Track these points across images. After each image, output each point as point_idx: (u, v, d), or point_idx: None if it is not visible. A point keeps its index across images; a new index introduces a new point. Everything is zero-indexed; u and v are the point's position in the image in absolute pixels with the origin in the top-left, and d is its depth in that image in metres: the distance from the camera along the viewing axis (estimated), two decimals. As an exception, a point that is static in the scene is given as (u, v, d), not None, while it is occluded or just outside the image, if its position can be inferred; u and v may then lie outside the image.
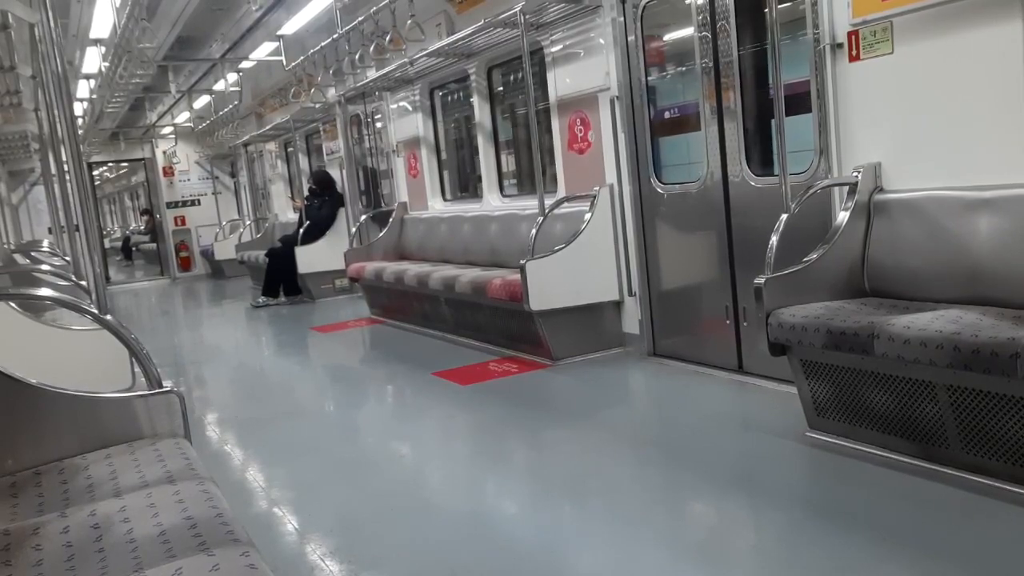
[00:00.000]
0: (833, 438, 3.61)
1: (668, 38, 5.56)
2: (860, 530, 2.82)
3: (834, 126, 4.07)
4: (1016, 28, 3.29)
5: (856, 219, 3.86)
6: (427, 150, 8.63)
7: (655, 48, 5.56)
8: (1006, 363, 2.73)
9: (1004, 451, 2.94)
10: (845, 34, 3.94)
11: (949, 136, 3.60)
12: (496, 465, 4.04)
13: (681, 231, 5.38)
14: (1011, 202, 3.32)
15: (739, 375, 4.91)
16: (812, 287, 3.73)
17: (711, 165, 4.97)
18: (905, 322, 3.11)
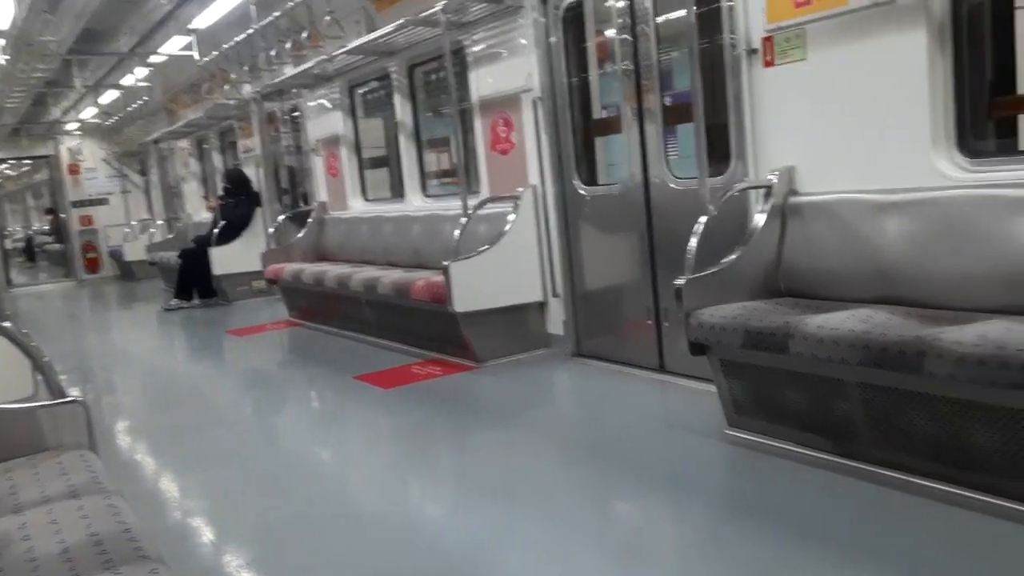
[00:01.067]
0: (752, 436, 3.69)
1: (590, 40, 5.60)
2: (778, 526, 2.89)
3: (750, 130, 4.16)
4: (920, 37, 3.42)
5: (772, 221, 3.95)
6: (347, 149, 8.50)
7: (577, 49, 5.59)
8: (912, 360, 2.82)
9: (912, 446, 3.05)
10: (760, 40, 4.03)
11: (859, 141, 3.72)
12: (421, 469, 3.99)
13: (604, 232, 5.43)
14: (917, 205, 3.45)
15: (661, 374, 4.98)
16: (731, 288, 3.80)
17: (632, 167, 5.03)
18: (819, 322, 3.19)
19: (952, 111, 3.46)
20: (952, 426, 2.88)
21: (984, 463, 2.83)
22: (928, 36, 3.41)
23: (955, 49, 3.44)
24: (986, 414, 2.76)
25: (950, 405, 2.86)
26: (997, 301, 3.13)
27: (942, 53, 3.43)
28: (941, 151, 3.46)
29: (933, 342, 2.77)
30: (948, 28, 3.42)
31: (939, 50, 3.43)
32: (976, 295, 3.20)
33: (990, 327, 2.79)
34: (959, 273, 3.26)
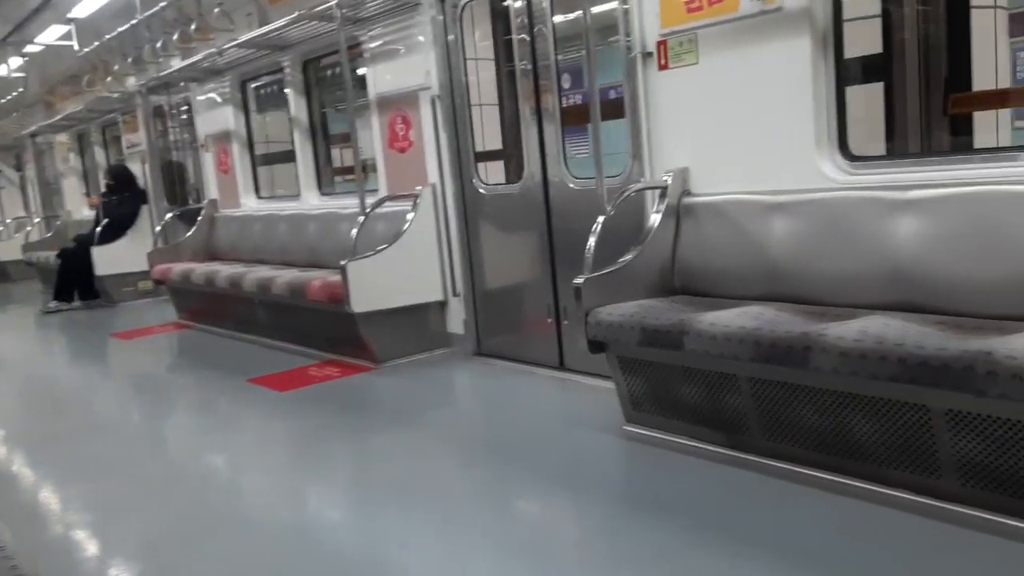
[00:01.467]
0: (649, 431, 3.76)
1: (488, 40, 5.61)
2: (674, 518, 2.95)
3: (646, 132, 4.25)
4: (805, 43, 3.56)
5: (667, 221, 4.04)
6: (239, 145, 8.25)
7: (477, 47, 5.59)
8: (799, 355, 2.94)
9: (800, 437, 3.17)
10: (655, 43, 4.12)
11: (749, 143, 3.84)
12: (319, 473, 3.90)
13: (504, 231, 5.44)
14: (802, 206, 3.59)
15: (561, 372, 5.03)
16: (628, 286, 3.87)
17: (531, 166, 5.05)
18: (711, 319, 3.28)
19: (834, 116, 3.61)
20: (836, 417, 3.01)
21: (866, 452, 2.97)
22: (812, 43, 3.55)
23: (837, 56, 3.59)
24: (867, 406, 2.90)
25: (834, 397, 2.99)
26: (877, 298, 3.29)
27: (825, 60, 3.58)
28: (824, 154, 3.61)
29: (818, 338, 2.89)
30: (831, 36, 3.57)
31: (822, 57, 3.58)
32: (857, 292, 3.35)
33: (870, 323, 2.93)
34: (842, 271, 3.41)
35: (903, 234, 3.24)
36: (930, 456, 2.79)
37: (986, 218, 3.03)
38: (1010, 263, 2.94)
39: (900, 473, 2.89)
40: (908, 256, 3.21)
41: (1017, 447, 2.55)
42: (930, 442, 2.77)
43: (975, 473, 2.68)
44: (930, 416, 2.73)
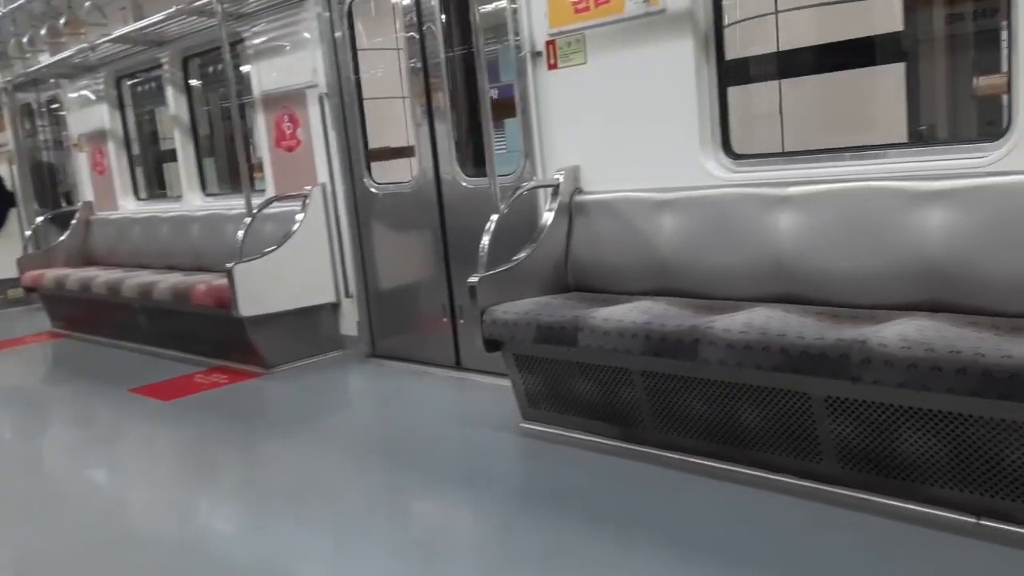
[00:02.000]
0: (545, 427, 3.79)
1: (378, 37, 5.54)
2: (570, 513, 2.98)
3: (537, 130, 4.28)
4: (688, 45, 3.66)
5: (559, 219, 4.08)
6: (116, 144, 7.87)
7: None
8: (688, 348, 3.02)
9: (690, 428, 3.26)
10: (544, 43, 4.15)
11: (637, 141, 3.92)
12: (208, 484, 3.76)
13: (397, 231, 5.37)
14: (689, 203, 3.69)
15: (457, 372, 5.01)
16: (523, 284, 3.89)
17: (424, 165, 5.02)
18: (604, 315, 3.33)
19: (717, 116, 3.73)
20: (724, 407, 3.11)
21: (752, 440, 3.08)
22: (695, 45, 3.66)
23: (719, 57, 3.71)
24: (752, 395, 3.00)
25: (722, 388, 3.09)
26: (761, 290, 3.41)
27: (707, 61, 3.69)
28: (708, 152, 3.73)
29: (706, 330, 2.98)
30: (712, 38, 3.68)
31: (704, 58, 3.68)
32: (742, 285, 3.47)
33: (754, 315, 3.03)
34: (727, 265, 3.53)
35: (783, 229, 3.37)
36: (811, 441, 2.91)
37: (858, 212, 3.19)
38: (881, 255, 3.10)
39: (784, 458, 3.01)
40: (788, 250, 3.35)
41: (890, 430, 2.69)
42: (811, 428, 2.89)
43: (852, 456, 2.82)
44: (811, 403, 2.85)
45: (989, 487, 2.54)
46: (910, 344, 2.51)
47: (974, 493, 2.57)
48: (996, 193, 2.87)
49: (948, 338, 2.51)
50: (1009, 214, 2.83)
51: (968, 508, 2.59)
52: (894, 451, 2.71)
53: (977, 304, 2.88)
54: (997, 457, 2.49)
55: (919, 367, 2.46)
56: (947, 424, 2.56)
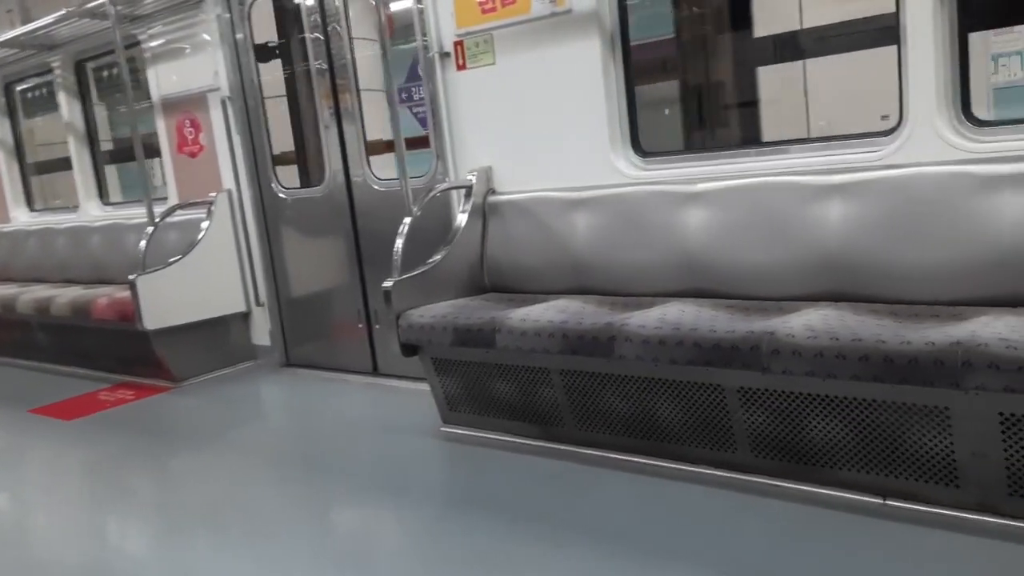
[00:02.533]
0: (466, 430, 3.78)
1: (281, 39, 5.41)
2: (494, 515, 2.97)
3: (448, 131, 4.25)
4: (595, 45, 3.70)
5: (473, 220, 4.07)
6: (5, 153, 7.48)
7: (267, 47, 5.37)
8: (604, 345, 3.05)
9: (610, 424, 3.29)
10: (451, 44, 4.13)
11: (549, 141, 3.94)
12: (116, 505, 3.61)
13: (308, 236, 5.27)
14: (600, 201, 3.73)
15: (375, 378, 4.94)
16: (439, 287, 3.86)
17: (333, 168, 4.93)
18: (521, 315, 3.34)
19: (626, 114, 3.78)
20: (641, 402, 3.15)
21: (669, 433, 3.13)
22: (602, 45, 3.69)
23: (625, 57, 3.76)
24: (668, 389, 3.05)
25: (638, 384, 3.13)
26: (673, 286, 3.47)
27: (614, 61, 3.74)
28: (619, 151, 3.77)
29: (621, 327, 3.01)
30: (619, 38, 3.73)
31: (611, 60, 3.73)
32: (656, 281, 3.53)
33: (668, 310, 3.09)
34: (640, 262, 3.58)
35: (693, 225, 3.44)
36: (726, 432, 2.98)
37: (764, 207, 3.28)
38: (786, 248, 3.19)
39: (701, 450, 3.07)
40: (698, 245, 3.42)
41: (800, 417, 2.78)
42: (725, 419, 2.96)
43: (765, 444, 2.90)
44: (724, 394, 2.92)
45: (893, 468, 2.64)
46: (816, 334, 2.59)
47: (880, 475, 2.67)
48: (890, 185, 2.99)
49: (851, 327, 2.60)
50: (902, 205, 2.95)
51: (875, 489, 2.69)
52: (804, 438, 2.80)
53: (877, 293, 2.99)
54: (900, 439, 2.60)
55: (825, 356, 2.54)
56: (853, 409, 2.66)
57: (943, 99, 2.95)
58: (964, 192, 2.83)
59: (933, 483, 2.58)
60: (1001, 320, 2.48)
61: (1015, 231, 2.72)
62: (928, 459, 2.56)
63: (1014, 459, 2.40)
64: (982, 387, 2.30)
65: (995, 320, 2.49)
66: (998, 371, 2.26)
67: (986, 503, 2.49)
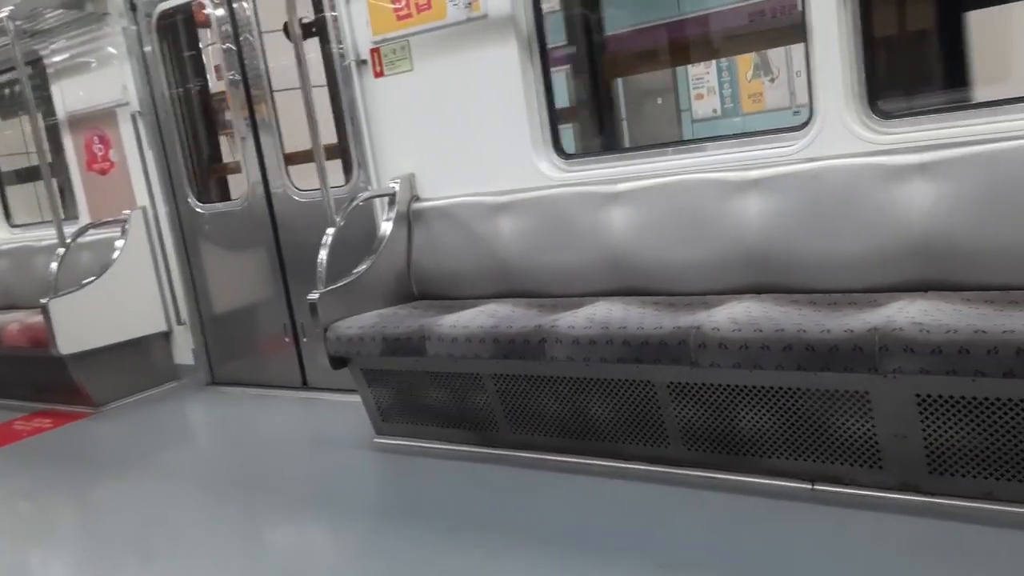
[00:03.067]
0: (400, 440, 3.74)
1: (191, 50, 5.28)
2: (431, 524, 2.95)
3: (368, 139, 4.21)
4: (512, 50, 3.71)
5: (398, 228, 4.03)
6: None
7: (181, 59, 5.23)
8: (535, 348, 3.06)
9: (544, 426, 3.30)
10: (368, 51, 4.09)
11: (471, 145, 3.93)
12: (39, 538, 3.46)
13: (229, 251, 5.15)
14: (525, 204, 3.74)
15: (305, 392, 4.86)
16: (366, 297, 3.81)
17: (252, 180, 4.83)
18: (451, 321, 3.32)
19: (547, 117, 3.80)
20: (574, 403, 3.17)
21: (603, 432, 3.15)
22: (519, 49, 3.71)
23: (543, 60, 3.77)
24: (600, 388, 3.08)
25: (570, 384, 3.14)
26: (601, 285, 3.50)
27: (532, 64, 3.75)
28: (541, 154, 3.79)
29: (551, 329, 3.02)
30: (535, 43, 3.74)
31: (529, 62, 3.74)
32: (583, 281, 3.55)
33: (596, 309, 3.11)
34: (567, 263, 3.60)
35: (617, 224, 3.48)
36: (658, 427, 3.01)
37: (685, 204, 3.33)
38: (709, 243, 3.25)
39: (634, 446, 3.10)
40: (623, 244, 3.45)
41: (729, 409, 2.83)
42: (657, 414, 2.99)
43: (696, 437, 2.94)
44: (655, 390, 2.95)
45: (820, 454, 2.72)
46: (740, 326, 2.65)
47: (808, 461, 2.74)
48: (804, 179, 3.07)
49: (773, 318, 2.66)
50: (816, 198, 3.04)
51: (803, 475, 2.76)
52: (733, 429, 2.85)
53: (797, 283, 3.07)
54: (825, 425, 2.67)
55: (749, 347, 2.60)
56: (779, 399, 2.72)
57: (850, 94, 3.04)
58: (874, 183, 2.92)
59: (858, 466, 2.66)
60: (915, 305, 2.57)
61: (924, 218, 2.83)
62: (852, 443, 2.64)
63: (932, 439, 2.49)
64: (899, 370, 2.38)
65: (909, 305, 2.58)
66: (913, 354, 2.34)
67: (908, 482, 2.58)
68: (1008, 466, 2.40)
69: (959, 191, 2.77)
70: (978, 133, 2.82)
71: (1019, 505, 2.40)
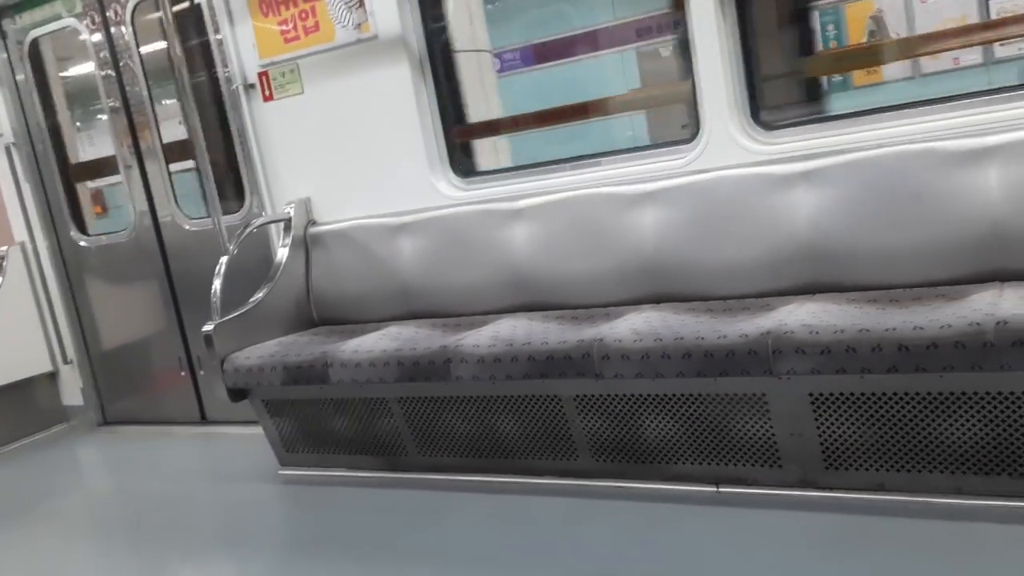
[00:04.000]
0: (305, 470, 3.64)
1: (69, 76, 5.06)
2: (342, 555, 2.88)
3: (260, 164, 4.11)
4: (405, 70, 3.70)
5: (295, 254, 3.95)
6: None
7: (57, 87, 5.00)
8: (441, 369, 3.04)
9: (453, 447, 3.28)
10: (256, 75, 4.01)
11: (366, 168, 3.89)
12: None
13: (118, 284, 4.94)
14: (424, 224, 3.72)
15: (204, 426, 4.69)
16: (264, 326, 3.71)
17: (138, 210, 4.65)
18: (353, 346, 3.27)
19: (442, 136, 3.80)
20: (483, 421, 3.16)
21: (512, 449, 3.15)
22: (411, 70, 3.70)
23: (436, 80, 3.77)
24: (508, 405, 3.08)
25: (478, 403, 3.13)
26: (504, 302, 3.51)
27: (425, 85, 3.75)
28: (438, 173, 3.78)
29: (456, 348, 3.01)
30: (427, 63, 3.74)
31: (422, 82, 3.74)
32: (486, 299, 3.55)
33: (500, 327, 3.12)
34: (469, 281, 3.59)
35: (517, 240, 3.50)
36: (566, 440, 3.03)
37: (584, 219, 3.38)
38: (608, 256, 3.30)
39: (544, 461, 3.11)
40: (524, 260, 3.47)
41: (634, 418, 2.87)
42: (564, 428, 3.01)
43: (604, 448, 2.97)
44: (561, 404, 2.97)
45: (723, 457, 2.78)
46: (641, 336, 2.70)
47: (712, 464, 2.81)
48: (694, 190, 3.16)
49: (672, 326, 2.72)
50: (707, 208, 3.13)
51: (708, 479, 2.83)
52: (639, 437, 2.90)
53: (694, 292, 3.15)
54: (727, 428, 2.74)
55: (651, 357, 2.65)
56: (681, 405, 2.78)
57: (734, 107, 3.15)
58: (761, 191, 3.04)
59: (759, 466, 2.73)
60: (804, 308, 2.68)
61: (808, 224, 2.95)
62: (753, 444, 2.72)
63: (826, 435, 2.59)
64: (792, 371, 2.47)
65: (799, 308, 2.68)
66: (804, 355, 2.44)
67: (807, 479, 2.67)
68: (897, 457, 2.52)
69: (839, 197, 2.91)
70: (854, 141, 2.96)
71: (909, 494, 2.51)
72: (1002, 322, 2.21)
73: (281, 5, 3.82)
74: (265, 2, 3.86)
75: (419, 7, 3.69)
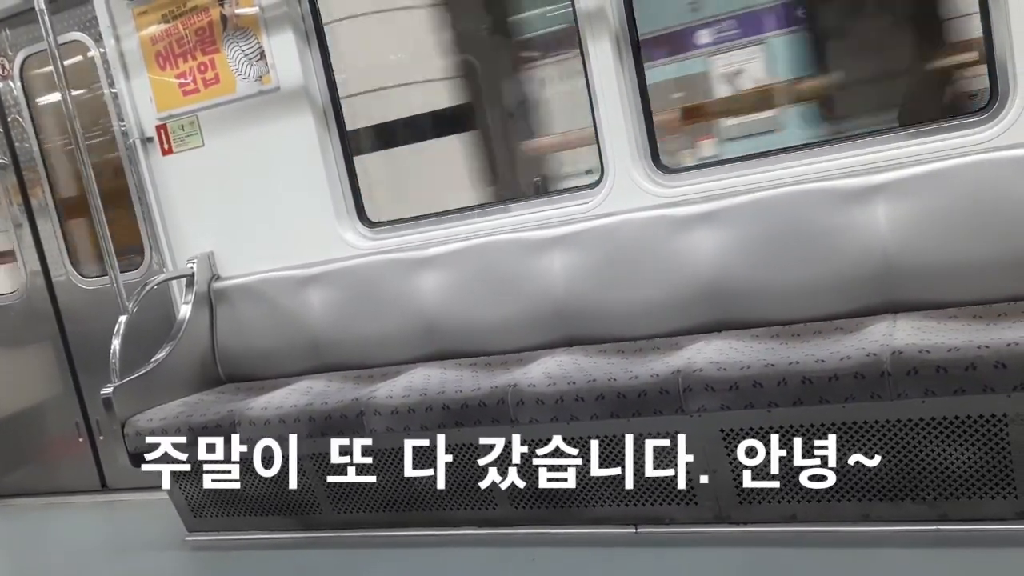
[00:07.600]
0: (215, 535, 3.49)
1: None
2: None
3: (160, 219, 4.00)
4: (308, 120, 3.67)
5: (199, 310, 3.83)
6: None
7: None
8: (354, 422, 2.97)
9: (366, 502, 3.19)
10: (153, 128, 3.91)
11: (272, 220, 3.82)
12: None
13: (8, 348, 4.69)
14: (333, 275, 3.67)
15: (105, 494, 4.46)
16: (168, 386, 3.57)
17: (30, 270, 4.45)
18: (262, 403, 3.17)
19: (348, 186, 3.76)
20: (398, 474, 3.08)
21: (429, 501, 3.09)
22: (315, 119, 3.67)
23: (340, 130, 3.76)
24: (424, 456, 3.02)
25: (391, 455, 3.06)
26: (416, 352, 3.47)
27: (330, 134, 3.72)
28: (346, 223, 3.74)
29: (369, 400, 2.96)
30: (331, 113, 3.72)
31: (326, 133, 3.71)
32: (398, 349, 3.51)
33: (413, 376, 3.08)
34: (380, 332, 3.55)
35: (427, 289, 3.48)
36: (484, 490, 2.99)
37: (492, 265, 3.40)
38: (519, 301, 3.32)
39: (463, 512, 3.05)
40: (435, 308, 3.45)
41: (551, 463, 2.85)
42: (482, 477, 2.97)
43: (522, 495, 2.94)
44: (478, 452, 2.94)
45: (641, 497, 2.79)
46: (554, 380, 2.70)
47: (630, 506, 2.81)
48: (600, 233, 3.22)
49: (585, 369, 2.74)
50: (613, 250, 3.19)
51: (627, 520, 2.83)
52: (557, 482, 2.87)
53: (603, 334, 3.18)
54: (643, 468, 2.74)
55: (565, 400, 2.66)
56: (599, 447, 2.77)
57: (636, 152, 3.24)
58: (664, 233, 3.11)
59: (676, 504, 2.75)
60: (711, 345, 2.73)
61: (711, 263, 3.03)
62: (669, 483, 2.72)
63: (738, 470, 2.63)
64: (703, 408, 2.51)
65: (706, 346, 2.74)
66: (714, 392, 2.48)
67: (722, 514, 2.70)
68: (807, 489, 2.57)
69: (739, 236, 3.00)
70: (751, 183, 3.07)
71: (821, 524, 2.57)
72: (897, 352, 2.30)
73: (179, 58, 3.76)
74: (162, 55, 3.79)
75: (320, 58, 3.68)
